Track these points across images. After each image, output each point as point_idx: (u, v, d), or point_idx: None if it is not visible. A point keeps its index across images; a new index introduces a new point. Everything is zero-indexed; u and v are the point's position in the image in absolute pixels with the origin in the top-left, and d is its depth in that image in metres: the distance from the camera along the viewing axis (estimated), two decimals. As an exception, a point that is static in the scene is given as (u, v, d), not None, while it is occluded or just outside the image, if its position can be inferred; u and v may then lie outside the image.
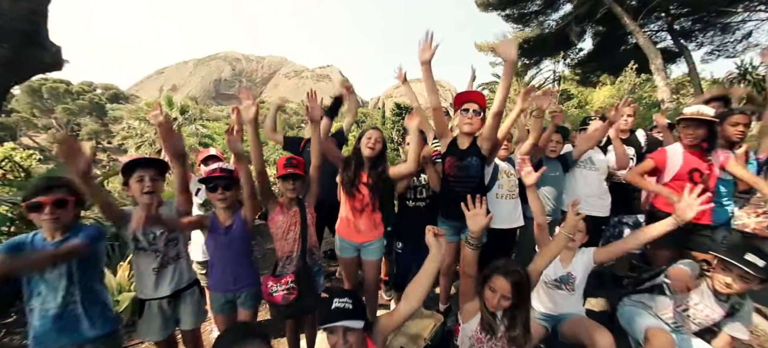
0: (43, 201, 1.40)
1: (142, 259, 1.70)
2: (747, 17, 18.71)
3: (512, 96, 15.97)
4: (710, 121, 2.04)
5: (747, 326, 1.75)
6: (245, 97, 1.77)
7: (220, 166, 1.80)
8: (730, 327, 1.74)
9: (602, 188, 2.53)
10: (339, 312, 1.21)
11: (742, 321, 1.73)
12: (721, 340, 1.75)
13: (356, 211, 2.20)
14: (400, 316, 1.39)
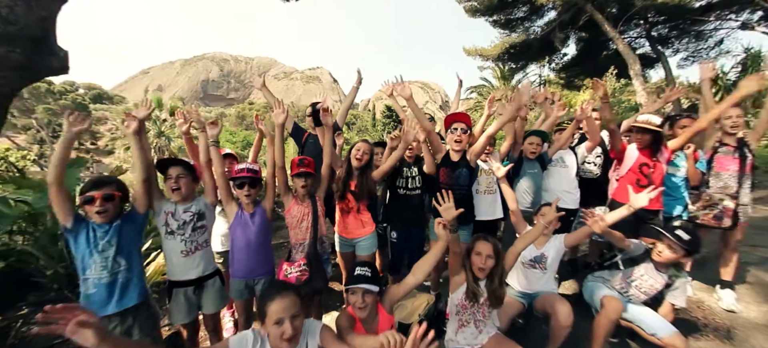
0: (95, 195, 1.67)
1: (171, 243, 1.94)
2: (719, 26, 19.79)
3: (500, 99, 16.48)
4: (658, 132, 2.43)
5: (684, 296, 2.12)
6: (277, 106, 2.08)
7: (247, 167, 2.06)
8: (670, 296, 2.11)
9: (572, 184, 2.88)
10: (360, 277, 1.53)
11: (679, 291, 2.10)
12: (664, 307, 2.12)
13: (344, 213, 2.51)
14: (407, 287, 1.68)
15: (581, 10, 17.68)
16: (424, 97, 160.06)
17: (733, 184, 2.65)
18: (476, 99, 23.64)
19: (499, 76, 20.34)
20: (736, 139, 2.68)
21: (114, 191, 1.71)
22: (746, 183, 2.70)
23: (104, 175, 2.14)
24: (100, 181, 1.72)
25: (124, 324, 1.72)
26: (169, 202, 1.97)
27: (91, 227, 1.69)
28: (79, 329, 0.99)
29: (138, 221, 1.84)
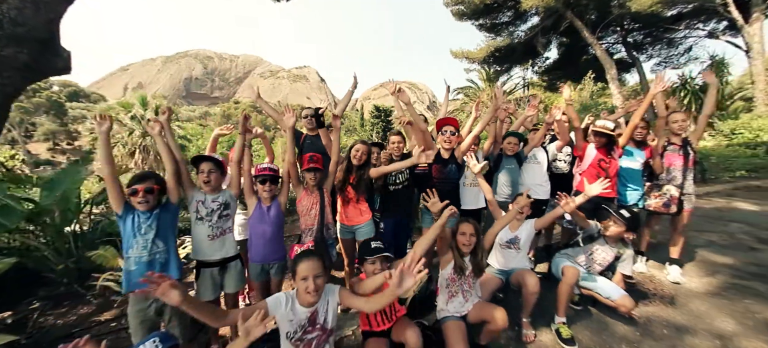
0: (138, 188, 1.94)
1: (199, 228, 2.20)
2: (688, 34, 21.06)
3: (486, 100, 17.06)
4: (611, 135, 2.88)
5: (630, 266, 2.58)
6: (287, 111, 2.38)
7: (268, 166, 2.36)
8: (620, 266, 2.54)
9: (544, 178, 3.28)
10: (377, 249, 1.92)
11: (626, 262, 2.54)
12: (616, 276, 2.54)
13: (345, 203, 2.85)
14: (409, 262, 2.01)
15: (562, 17, 18.48)
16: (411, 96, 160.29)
17: (679, 176, 3.10)
18: (463, 100, 24.28)
19: (484, 79, 20.97)
20: (681, 139, 3.14)
21: (153, 185, 1.98)
22: (690, 175, 3.16)
23: (146, 171, 2.37)
24: (142, 176, 1.99)
25: (158, 300, 1.98)
26: (200, 192, 2.24)
27: (136, 214, 1.95)
28: (170, 290, 1.27)
29: (172, 210, 2.09)
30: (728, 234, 4.18)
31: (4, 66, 3.52)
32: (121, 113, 20.52)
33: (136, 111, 20.61)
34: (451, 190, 2.88)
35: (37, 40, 3.74)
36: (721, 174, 8.26)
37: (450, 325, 2.12)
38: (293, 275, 1.60)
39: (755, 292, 2.82)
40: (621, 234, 2.43)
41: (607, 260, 2.50)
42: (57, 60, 4.07)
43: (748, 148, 11.30)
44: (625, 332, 2.37)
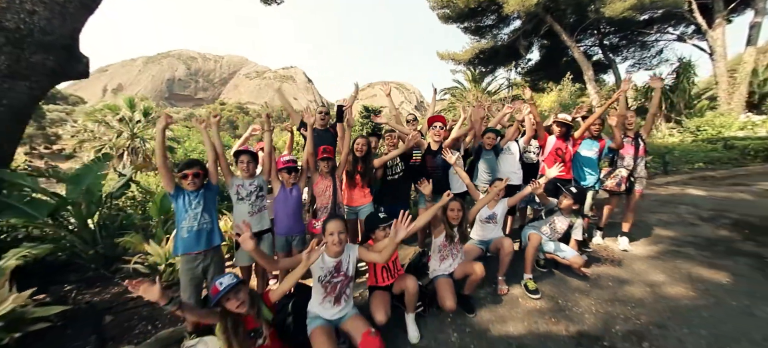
0: (188, 173, 2.39)
1: (240, 206, 2.67)
2: (659, 38, 22.41)
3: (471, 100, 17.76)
4: (568, 124, 3.49)
5: (580, 233, 3.18)
6: (308, 114, 2.87)
7: (290, 158, 2.84)
8: (574, 233, 3.16)
9: (517, 166, 3.82)
10: (386, 219, 2.39)
11: (578, 230, 3.16)
12: (571, 242, 3.15)
13: (351, 187, 3.36)
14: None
15: (542, 21, 19.39)
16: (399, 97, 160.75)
17: (631, 162, 3.73)
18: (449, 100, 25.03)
19: (470, 79, 21.71)
20: (633, 133, 3.77)
21: (199, 170, 2.44)
22: (640, 162, 3.79)
23: (192, 158, 2.79)
24: (190, 162, 2.44)
25: (206, 259, 2.44)
26: (238, 178, 2.72)
27: (186, 193, 2.40)
28: (249, 240, 1.75)
29: (214, 190, 2.55)
30: (676, 214, 4.88)
31: (33, 70, 3.88)
32: (109, 116, 20.34)
33: (124, 113, 20.47)
34: (442, 177, 3.45)
35: (62, 47, 4.11)
36: (682, 166, 9.13)
37: (441, 281, 2.65)
38: (323, 232, 2.11)
39: (686, 255, 3.47)
40: (571, 206, 3.04)
41: (563, 228, 3.11)
42: (78, 65, 4.43)
43: (710, 143, 12.33)
44: (578, 285, 2.97)
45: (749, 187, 6.30)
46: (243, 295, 1.80)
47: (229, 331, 1.77)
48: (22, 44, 3.71)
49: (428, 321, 2.58)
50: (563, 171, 3.26)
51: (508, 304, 2.78)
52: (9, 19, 3.61)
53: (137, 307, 3.29)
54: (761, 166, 8.92)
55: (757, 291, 2.73)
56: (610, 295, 2.79)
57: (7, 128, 4.01)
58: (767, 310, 2.48)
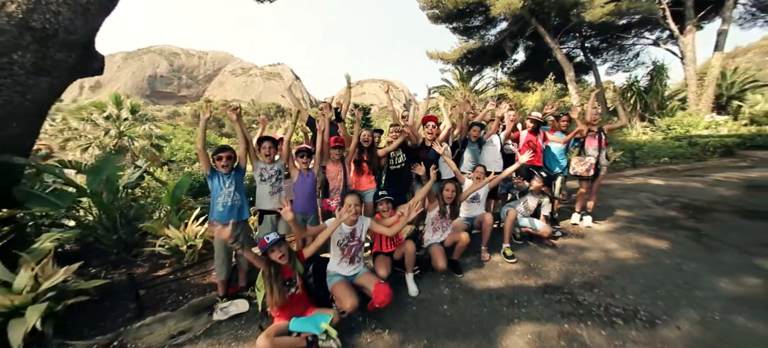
0: (222, 156, 2.83)
1: (263, 187, 3.11)
2: (636, 41, 23.66)
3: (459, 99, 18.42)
4: (539, 121, 4.10)
5: (548, 209, 3.80)
6: (326, 109, 3.34)
7: (305, 146, 3.28)
8: (543, 210, 3.77)
9: (498, 156, 4.37)
10: (383, 195, 2.88)
11: (545, 207, 3.77)
12: (541, 217, 3.74)
13: (358, 174, 3.83)
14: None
15: (527, 23, 20.22)
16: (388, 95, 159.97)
17: (595, 152, 4.35)
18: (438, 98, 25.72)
19: (458, 79, 22.42)
20: (597, 127, 4.39)
21: (231, 154, 2.88)
22: (603, 153, 4.41)
23: (224, 144, 3.16)
24: (223, 148, 2.89)
25: (236, 230, 2.88)
26: (261, 163, 3.15)
27: (220, 175, 2.84)
28: (289, 212, 2.23)
29: (242, 172, 2.99)
30: (636, 199, 5.58)
31: (56, 67, 4.19)
32: (95, 113, 20.01)
33: (110, 111, 20.17)
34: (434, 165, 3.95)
35: (82, 46, 4.42)
36: (649, 160, 10.00)
37: (434, 247, 3.19)
38: (341, 205, 2.60)
39: (638, 230, 4.12)
40: (541, 188, 3.63)
41: (534, 206, 3.74)
42: (95, 62, 4.75)
43: (677, 141, 13.35)
44: (547, 253, 3.57)
45: (702, 178, 7.10)
46: (284, 249, 2.28)
47: (271, 276, 2.24)
48: (48, 43, 4.01)
49: (424, 280, 3.11)
50: (534, 159, 3.86)
51: (490, 267, 3.34)
52: (36, 19, 3.91)
53: (165, 282, 3.69)
54: (718, 161, 9.87)
55: (688, 254, 3.38)
56: (572, 259, 3.39)
57: (30, 122, 4.31)
58: (693, 266, 3.12)
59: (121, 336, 2.82)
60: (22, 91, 3.95)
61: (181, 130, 42.82)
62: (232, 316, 2.83)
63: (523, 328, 2.37)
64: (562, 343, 2.19)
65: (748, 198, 5.36)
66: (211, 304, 3.11)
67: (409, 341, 2.31)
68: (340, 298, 2.42)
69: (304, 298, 2.52)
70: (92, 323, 3.02)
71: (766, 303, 2.51)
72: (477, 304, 2.72)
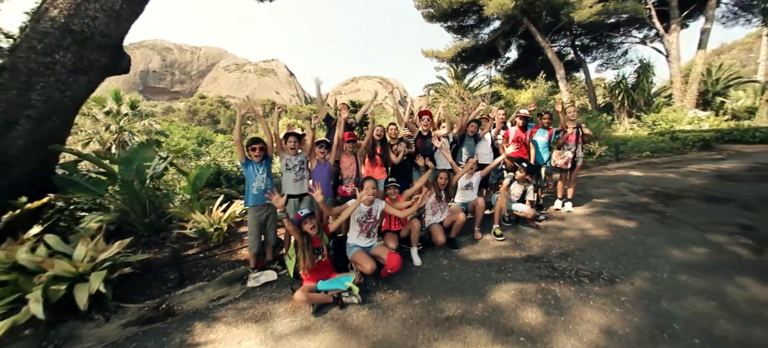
0: (255, 147, 3.31)
1: (288, 174, 3.56)
2: (624, 40, 24.39)
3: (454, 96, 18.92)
4: (527, 117, 4.63)
5: (532, 195, 4.33)
6: (343, 110, 3.82)
7: (323, 140, 3.74)
8: (528, 196, 4.30)
9: (489, 150, 4.92)
10: (391, 181, 3.36)
11: (530, 194, 4.30)
12: (526, 202, 4.29)
13: (372, 166, 4.32)
14: (407, 195, 3.53)
15: (519, 22, 20.76)
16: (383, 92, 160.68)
17: (573, 146, 4.90)
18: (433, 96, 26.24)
19: (453, 76, 22.91)
20: (575, 124, 4.94)
21: (263, 145, 3.35)
22: (579, 147, 4.96)
23: (256, 136, 3.56)
24: (255, 140, 3.35)
25: (267, 210, 3.38)
26: (286, 154, 3.59)
27: (253, 163, 3.32)
28: (320, 194, 2.74)
29: (270, 160, 3.47)
30: (614, 188, 6.17)
31: (91, 67, 4.62)
32: (95, 109, 20.16)
33: (110, 106, 20.32)
34: (429, 156, 4.45)
35: (114, 47, 4.85)
36: (633, 154, 10.65)
37: (434, 226, 3.72)
38: (359, 188, 3.11)
39: (612, 213, 4.70)
40: (524, 177, 4.18)
41: (519, 193, 4.29)
42: (122, 62, 5.18)
43: (660, 136, 14.07)
44: (532, 232, 4.12)
45: (678, 169, 7.74)
46: (314, 221, 2.78)
47: (304, 244, 2.74)
48: (85, 45, 4.44)
49: (426, 254, 3.64)
50: (518, 151, 4.42)
51: (481, 244, 3.88)
52: (76, 23, 4.33)
53: (196, 260, 4.16)
54: (696, 154, 10.56)
55: (651, 231, 3.95)
56: (552, 237, 3.95)
57: (68, 117, 4.75)
58: (653, 240, 3.69)
59: (166, 301, 3.31)
60: (62, 89, 4.38)
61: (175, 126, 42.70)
62: (263, 284, 3.33)
63: (508, 286, 2.91)
64: (538, 296, 2.73)
65: (714, 186, 5.99)
66: (242, 275, 3.61)
67: (416, 297, 2.83)
68: (361, 262, 2.93)
69: (328, 264, 3.03)
70: (139, 291, 3.49)
71: (707, 266, 3.08)
72: (470, 271, 3.25)
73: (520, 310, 2.55)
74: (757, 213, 4.40)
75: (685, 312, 2.41)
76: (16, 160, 4.25)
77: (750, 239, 3.59)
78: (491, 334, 2.30)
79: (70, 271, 3.09)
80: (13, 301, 2.90)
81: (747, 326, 2.23)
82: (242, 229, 5.06)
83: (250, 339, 2.45)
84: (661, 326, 2.27)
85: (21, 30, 4.36)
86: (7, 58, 4.20)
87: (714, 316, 2.35)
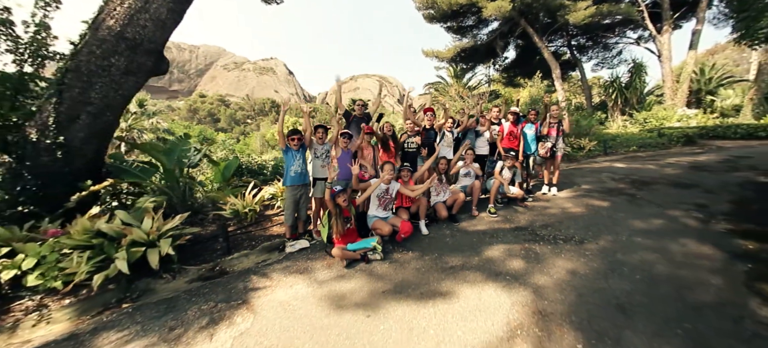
0: (294, 137, 4.02)
1: (316, 161, 4.26)
2: (619, 40, 25.13)
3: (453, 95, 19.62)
4: (517, 113, 5.37)
5: (519, 180, 5.08)
6: (360, 108, 4.54)
7: (346, 131, 4.43)
8: (516, 179, 5.03)
9: (485, 143, 5.65)
10: (407, 166, 4.10)
11: (517, 177, 5.03)
12: (516, 184, 5.02)
13: (387, 154, 5.02)
14: (417, 176, 4.26)
15: (517, 23, 21.48)
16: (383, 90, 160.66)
17: (554, 138, 5.63)
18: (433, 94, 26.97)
19: (452, 75, 23.63)
20: (557, 121, 5.67)
21: (300, 136, 4.06)
22: (560, 139, 5.69)
23: (295, 128, 4.14)
24: (294, 131, 4.05)
25: (301, 190, 4.10)
26: (315, 144, 4.29)
27: (291, 150, 4.03)
28: (358, 168, 3.48)
29: (305, 149, 4.17)
30: (597, 178, 6.92)
31: (140, 69, 5.31)
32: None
33: (120, 104, 20.93)
34: (430, 146, 5.15)
35: (158, 52, 5.54)
36: (620, 149, 11.40)
37: (438, 204, 4.45)
38: (381, 170, 3.83)
39: (591, 196, 5.44)
40: (514, 164, 4.93)
41: (510, 176, 5.02)
42: (163, 65, 5.87)
43: (649, 132, 14.83)
44: (520, 210, 4.87)
45: (658, 162, 8.49)
46: (346, 196, 3.50)
47: (337, 214, 3.46)
48: (136, 50, 5.13)
49: (432, 226, 4.37)
50: (511, 143, 5.16)
51: (478, 219, 4.62)
52: (129, 32, 5.02)
53: (234, 235, 4.87)
54: (680, 149, 11.32)
55: (621, 209, 4.69)
56: (537, 213, 4.68)
57: (118, 112, 5.45)
58: (621, 215, 4.43)
59: (218, 264, 4.02)
60: (115, 88, 5.09)
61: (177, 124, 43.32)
62: (299, 250, 4.04)
63: (499, 246, 3.64)
64: (522, 252, 3.46)
65: (685, 174, 6.74)
66: (279, 245, 4.33)
67: (426, 255, 3.56)
68: (380, 227, 3.67)
69: (354, 231, 3.76)
70: (194, 257, 4.21)
71: (659, 232, 3.81)
72: (468, 238, 3.98)
73: (507, 261, 3.28)
74: (714, 195, 5.15)
75: (633, 260, 3.15)
76: (77, 151, 4.94)
77: (701, 214, 4.33)
78: (485, 275, 3.02)
79: (144, 237, 3.80)
80: (100, 260, 3.61)
81: (677, 268, 2.97)
82: (269, 212, 5.77)
83: (299, 284, 3.17)
84: (613, 269, 3.01)
85: (80, 37, 5.04)
86: (71, 61, 4.89)
87: (654, 262, 3.08)
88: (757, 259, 3.09)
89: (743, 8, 5.85)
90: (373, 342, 2.23)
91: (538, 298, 2.62)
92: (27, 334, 2.94)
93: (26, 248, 3.53)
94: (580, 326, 2.26)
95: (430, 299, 2.71)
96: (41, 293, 3.50)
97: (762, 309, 2.38)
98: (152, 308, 3.03)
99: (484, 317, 2.42)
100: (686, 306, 2.44)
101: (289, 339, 2.34)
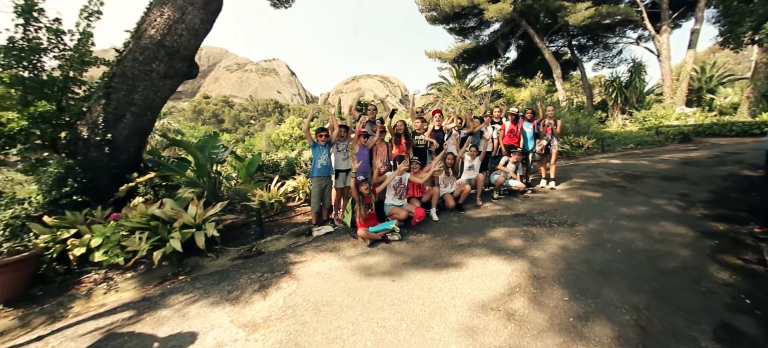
0: (321, 134, 4.60)
1: (337, 154, 4.78)
2: (619, 40, 25.54)
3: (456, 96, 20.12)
4: (516, 113, 5.90)
5: (519, 173, 5.61)
6: (370, 112, 5.09)
7: (365, 130, 4.98)
8: (517, 173, 5.55)
9: (488, 141, 6.21)
10: (417, 159, 4.65)
11: (518, 171, 5.56)
12: (518, 177, 5.55)
13: (399, 149, 5.56)
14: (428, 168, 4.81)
15: (518, 24, 21.95)
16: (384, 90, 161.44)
17: (549, 137, 6.16)
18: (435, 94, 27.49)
19: (455, 76, 24.13)
20: (552, 121, 6.20)
21: (327, 133, 4.61)
22: (554, 137, 6.22)
23: (322, 126, 4.63)
24: (322, 128, 4.60)
25: (326, 181, 4.65)
26: (337, 140, 4.82)
27: (318, 146, 4.58)
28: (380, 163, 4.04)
29: (331, 145, 4.72)
30: (592, 172, 7.43)
31: (176, 74, 5.87)
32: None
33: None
34: (439, 144, 5.71)
35: (191, 58, 6.10)
36: (617, 146, 11.88)
37: (446, 195, 5.00)
38: (397, 163, 4.38)
39: (585, 188, 5.96)
40: (518, 160, 5.47)
41: (512, 171, 5.53)
42: (194, 69, 6.43)
43: (647, 130, 15.28)
44: (520, 200, 5.40)
45: (651, 158, 8.99)
46: (368, 185, 4.05)
47: (360, 201, 4.01)
48: (173, 56, 5.69)
49: (441, 214, 4.91)
50: (512, 140, 5.70)
51: (482, 208, 5.15)
52: (168, 40, 5.58)
53: (262, 222, 5.42)
54: (675, 146, 11.79)
55: (611, 198, 5.21)
56: (536, 203, 5.22)
57: (156, 112, 6.01)
58: (610, 203, 4.95)
59: (254, 246, 4.57)
60: (155, 90, 5.65)
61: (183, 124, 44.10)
62: (325, 234, 4.59)
63: (500, 229, 4.18)
64: (520, 233, 3.99)
65: (675, 169, 7.25)
66: (306, 230, 4.87)
67: (438, 236, 4.10)
68: (396, 213, 4.22)
69: (374, 216, 4.30)
70: (231, 240, 4.76)
71: (642, 216, 4.33)
72: (474, 223, 4.52)
73: (508, 240, 3.82)
74: (698, 186, 5.66)
75: (616, 237, 3.68)
76: (122, 147, 5.51)
77: (682, 202, 4.85)
78: (489, 251, 3.56)
79: (191, 221, 4.36)
80: (156, 240, 4.17)
81: (653, 244, 3.49)
82: (291, 204, 6.33)
83: (331, 259, 3.72)
84: (598, 244, 3.54)
85: (124, 45, 5.61)
86: (117, 66, 5.46)
87: (634, 239, 3.61)
88: (724, 237, 3.61)
89: (727, 13, 6.33)
90: (401, 297, 2.78)
91: (533, 267, 3.15)
92: (101, 300, 3.51)
93: (94, 229, 4.10)
94: (567, 285, 2.80)
95: (444, 268, 3.25)
96: (105, 268, 4.06)
97: (719, 273, 2.90)
98: (207, 278, 3.58)
99: (489, 280, 2.96)
100: (656, 271, 2.97)
101: (331, 296, 2.88)
